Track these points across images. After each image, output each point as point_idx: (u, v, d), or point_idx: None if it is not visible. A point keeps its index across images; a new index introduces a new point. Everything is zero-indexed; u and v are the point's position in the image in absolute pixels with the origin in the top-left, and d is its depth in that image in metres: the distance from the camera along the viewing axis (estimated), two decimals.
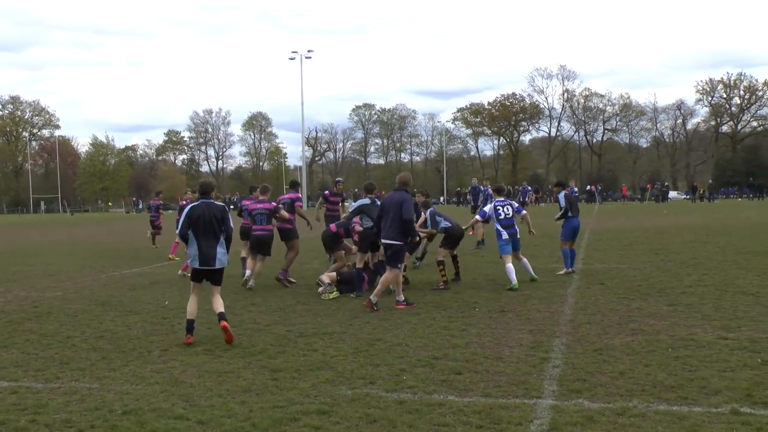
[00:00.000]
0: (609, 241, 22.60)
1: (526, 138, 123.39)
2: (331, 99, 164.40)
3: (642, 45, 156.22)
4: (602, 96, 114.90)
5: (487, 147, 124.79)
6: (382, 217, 11.30)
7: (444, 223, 14.08)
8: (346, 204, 18.41)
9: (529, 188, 43.29)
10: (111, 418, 5.99)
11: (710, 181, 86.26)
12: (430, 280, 14.06)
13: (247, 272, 14.03)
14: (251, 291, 13.40)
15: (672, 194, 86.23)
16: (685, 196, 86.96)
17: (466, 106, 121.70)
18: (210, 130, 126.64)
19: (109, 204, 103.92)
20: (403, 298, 11.29)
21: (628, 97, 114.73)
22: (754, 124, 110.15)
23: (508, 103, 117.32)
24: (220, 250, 9.01)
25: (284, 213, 14.14)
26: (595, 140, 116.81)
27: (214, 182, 9.36)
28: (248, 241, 14.53)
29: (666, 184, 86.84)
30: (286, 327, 9.80)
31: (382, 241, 11.37)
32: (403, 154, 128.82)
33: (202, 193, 9.24)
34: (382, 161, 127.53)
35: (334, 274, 13.03)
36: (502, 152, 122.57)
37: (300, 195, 15.33)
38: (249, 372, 7.38)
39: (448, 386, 6.67)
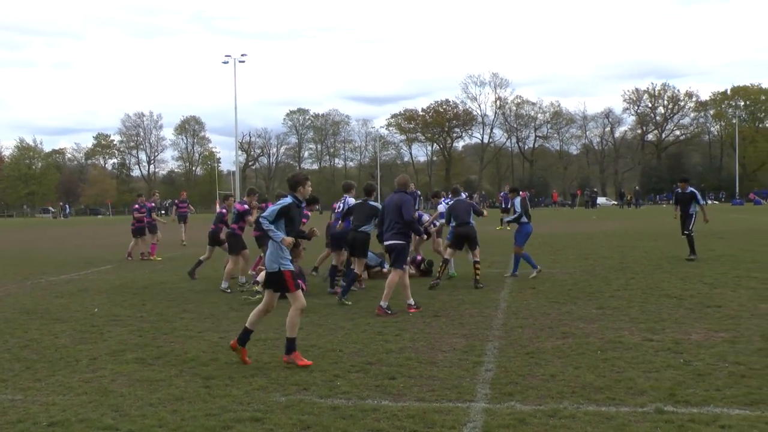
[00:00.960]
0: (540, 246, 22.97)
1: (460, 144, 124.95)
2: (264, 104, 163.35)
3: (572, 54, 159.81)
4: (533, 104, 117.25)
5: (420, 153, 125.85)
6: (384, 219, 11.42)
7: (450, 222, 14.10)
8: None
9: (465, 194, 43.66)
10: (36, 430, 5.82)
11: (636, 187, 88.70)
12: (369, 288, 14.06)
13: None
14: (185, 298, 13.20)
15: (601, 200, 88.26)
16: (613, 203, 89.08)
17: (400, 112, 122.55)
18: (142, 133, 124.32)
19: (52, 210, 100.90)
20: (413, 302, 11.30)
21: (559, 105, 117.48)
22: (677, 132, 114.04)
23: (442, 110, 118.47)
24: (269, 249, 8.01)
25: (251, 219, 14.41)
26: (526, 147, 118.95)
27: (302, 173, 7.99)
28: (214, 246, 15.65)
29: (595, 190, 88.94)
30: (219, 334, 9.68)
31: (385, 243, 11.40)
32: (337, 160, 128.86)
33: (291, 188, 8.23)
34: (316, 166, 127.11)
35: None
36: (435, 158, 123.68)
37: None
38: (181, 380, 7.26)
39: (382, 391, 6.69)
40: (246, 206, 14.63)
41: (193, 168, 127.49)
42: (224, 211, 15.73)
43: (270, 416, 5.99)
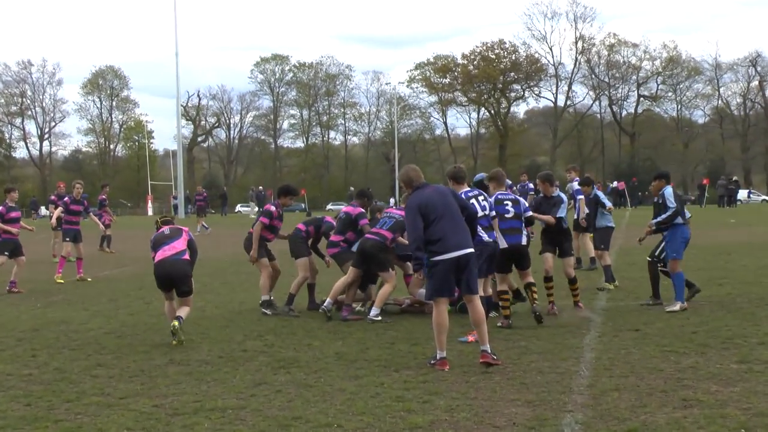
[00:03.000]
0: (645, 264, 22.91)
1: (521, 109, 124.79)
2: (222, 49, 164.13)
3: None
4: (635, 46, 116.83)
5: (461, 123, 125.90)
6: (437, 220, 11.37)
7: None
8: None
9: (532, 185, 43.45)
10: None
11: None
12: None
13: None
14: (99, 344, 13.27)
15: (742, 194, 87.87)
16: (764, 198, 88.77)
17: (429, 60, 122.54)
18: (29, 92, 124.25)
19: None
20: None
21: (675, 48, 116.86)
22: None
23: (494, 56, 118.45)
24: None
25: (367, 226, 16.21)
26: (625, 113, 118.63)
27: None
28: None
29: (734, 178, 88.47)
30: (153, 400, 9.70)
31: (459, 253, 11.29)
32: (332, 133, 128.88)
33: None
34: (300, 144, 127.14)
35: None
36: (483, 130, 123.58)
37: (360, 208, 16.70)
38: None
39: None
40: (360, 209, 16.52)
41: (112, 146, 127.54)
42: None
43: None
